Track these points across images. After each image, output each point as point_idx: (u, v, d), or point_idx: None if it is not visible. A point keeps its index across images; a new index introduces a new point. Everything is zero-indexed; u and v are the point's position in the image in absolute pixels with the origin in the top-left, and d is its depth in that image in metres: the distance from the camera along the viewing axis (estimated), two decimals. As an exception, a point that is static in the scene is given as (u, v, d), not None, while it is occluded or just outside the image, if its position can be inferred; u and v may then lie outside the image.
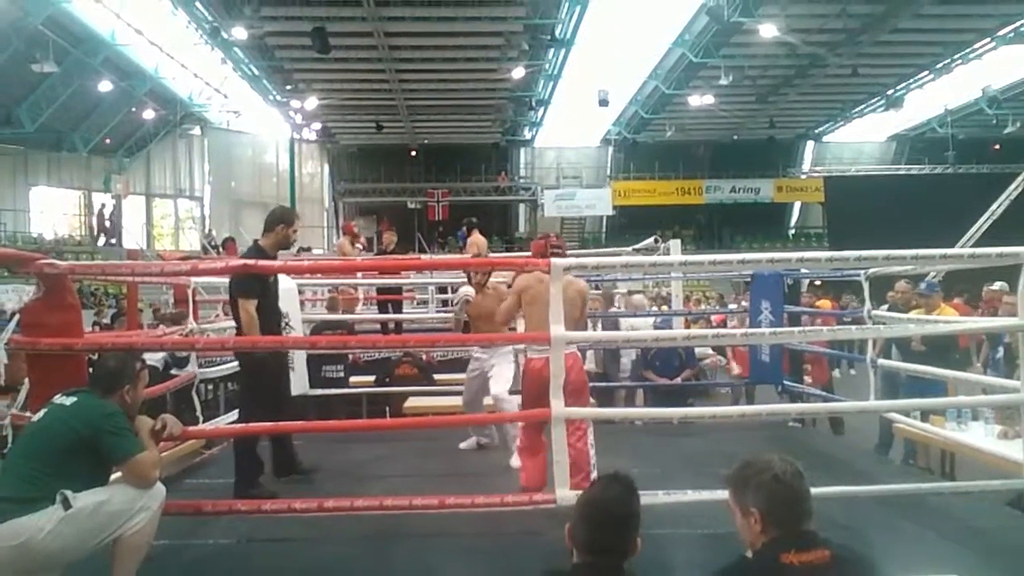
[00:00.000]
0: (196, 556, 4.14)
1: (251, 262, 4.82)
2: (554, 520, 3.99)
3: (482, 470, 5.69)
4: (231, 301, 5.31)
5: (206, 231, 29.79)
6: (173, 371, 7.47)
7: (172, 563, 3.96)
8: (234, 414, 6.59)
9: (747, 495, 2.37)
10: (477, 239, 11.65)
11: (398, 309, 10.79)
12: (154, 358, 7.74)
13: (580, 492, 2.58)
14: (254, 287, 5.04)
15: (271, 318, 5.23)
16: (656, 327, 8.28)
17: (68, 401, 3.43)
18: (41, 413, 3.46)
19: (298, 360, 7.30)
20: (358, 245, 12.40)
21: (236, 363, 7.11)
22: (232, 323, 5.70)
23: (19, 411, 4.75)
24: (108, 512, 3.26)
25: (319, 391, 7.63)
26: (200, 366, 6.96)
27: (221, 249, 17.45)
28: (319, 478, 5.64)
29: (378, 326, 10.27)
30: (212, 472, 5.93)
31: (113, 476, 3.46)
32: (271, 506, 4.16)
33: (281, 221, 5.32)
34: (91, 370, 3.95)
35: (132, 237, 29.26)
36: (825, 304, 13.44)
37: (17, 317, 5.54)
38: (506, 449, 5.88)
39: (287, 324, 7.04)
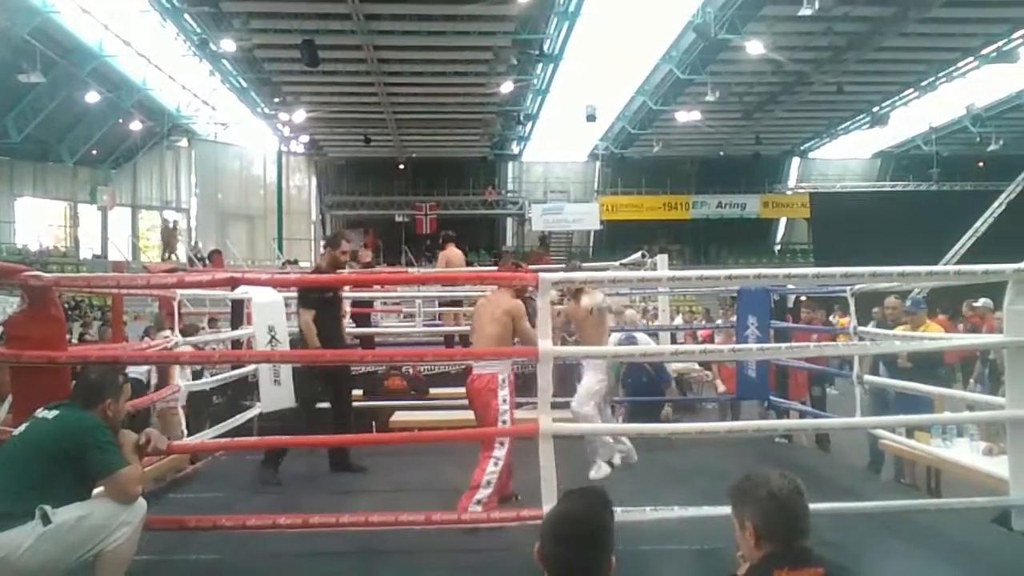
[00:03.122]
0: (179, 572, 4.10)
1: (238, 275, 4.92)
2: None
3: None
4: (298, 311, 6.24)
5: (192, 243, 29.68)
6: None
7: (155, 579, 3.92)
8: (218, 429, 6.56)
9: (744, 509, 2.37)
10: (449, 253, 11.55)
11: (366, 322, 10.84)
12: (137, 371, 7.69)
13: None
14: (311, 300, 5.95)
15: (332, 327, 6.08)
16: (620, 343, 8.02)
17: (50, 415, 3.39)
18: (23, 427, 3.43)
19: (284, 374, 7.27)
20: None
21: (220, 377, 7.14)
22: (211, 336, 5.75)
23: (1, 425, 4.70)
24: (88, 527, 3.22)
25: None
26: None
27: (207, 261, 17.36)
28: (304, 493, 5.61)
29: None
30: (196, 487, 5.89)
31: (96, 490, 3.42)
32: (255, 522, 4.12)
33: (328, 245, 6.28)
34: (74, 383, 3.92)
35: (117, 249, 29.11)
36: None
37: (0, 329, 5.49)
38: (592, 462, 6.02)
39: (273, 337, 7.03)
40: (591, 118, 26.98)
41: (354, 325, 10.77)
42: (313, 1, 20.17)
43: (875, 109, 28.80)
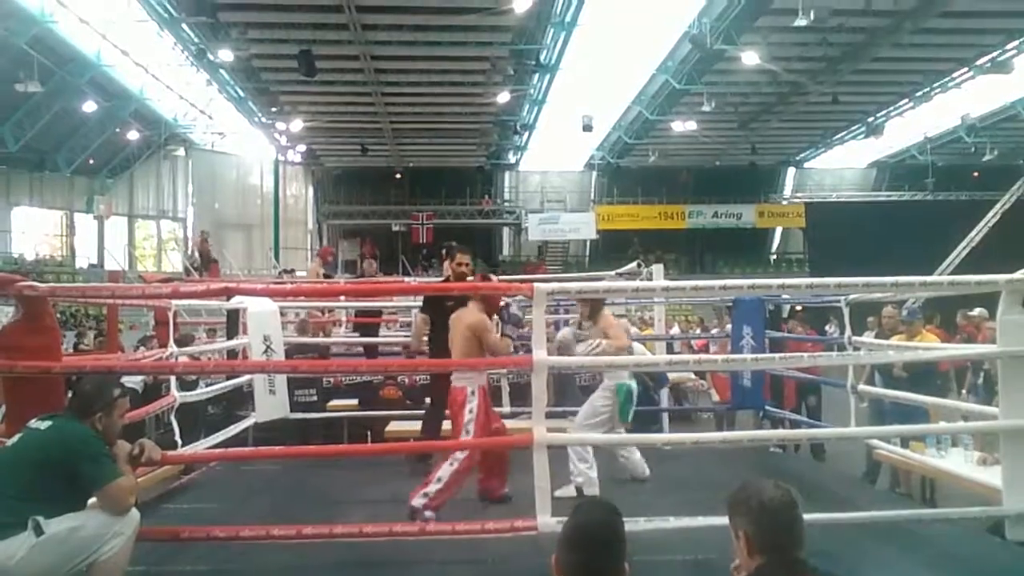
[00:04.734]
0: (172, 583, 4.09)
1: (233, 284, 4.92)
2: (535, 547, 3.97)
3: (462, 496, 5.65)
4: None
5: (188, 252, 29.63)
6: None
7: (148, 590, 3.90)
8: (214, 439, 6.53)
9: (738, 519, 2.37)
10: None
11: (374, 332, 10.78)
12: (133, 381, 7.67)
13: (563, 519, 2.51)
14: (425, 306, 6.55)
15: (443, 334, 6.06)
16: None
17: (43, 426, 3.39)
18: (16, 438, 3.43)
19: (279, 384, 7.27)
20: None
21: (216, 387, 7.11)
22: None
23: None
24: (81, 538, 3.21)
25: (297, 415, 7.61)
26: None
27: (204, 271, 17.33)
28: (297, 504, 5.59)
29: (356, 348, 10.23)
30: (190, 497, 5.86)
31: (91, 500, 3.42)
32: (249, 533, 4.11)
33: (446, 258, 6.59)
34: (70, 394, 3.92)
35: (114, 258, 29.05)
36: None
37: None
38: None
39: (269, 347, 7.03)
40: (587, 128, 27.03)
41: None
42: (310, 11, 20.20)
43: (870, 119, 28.84)
